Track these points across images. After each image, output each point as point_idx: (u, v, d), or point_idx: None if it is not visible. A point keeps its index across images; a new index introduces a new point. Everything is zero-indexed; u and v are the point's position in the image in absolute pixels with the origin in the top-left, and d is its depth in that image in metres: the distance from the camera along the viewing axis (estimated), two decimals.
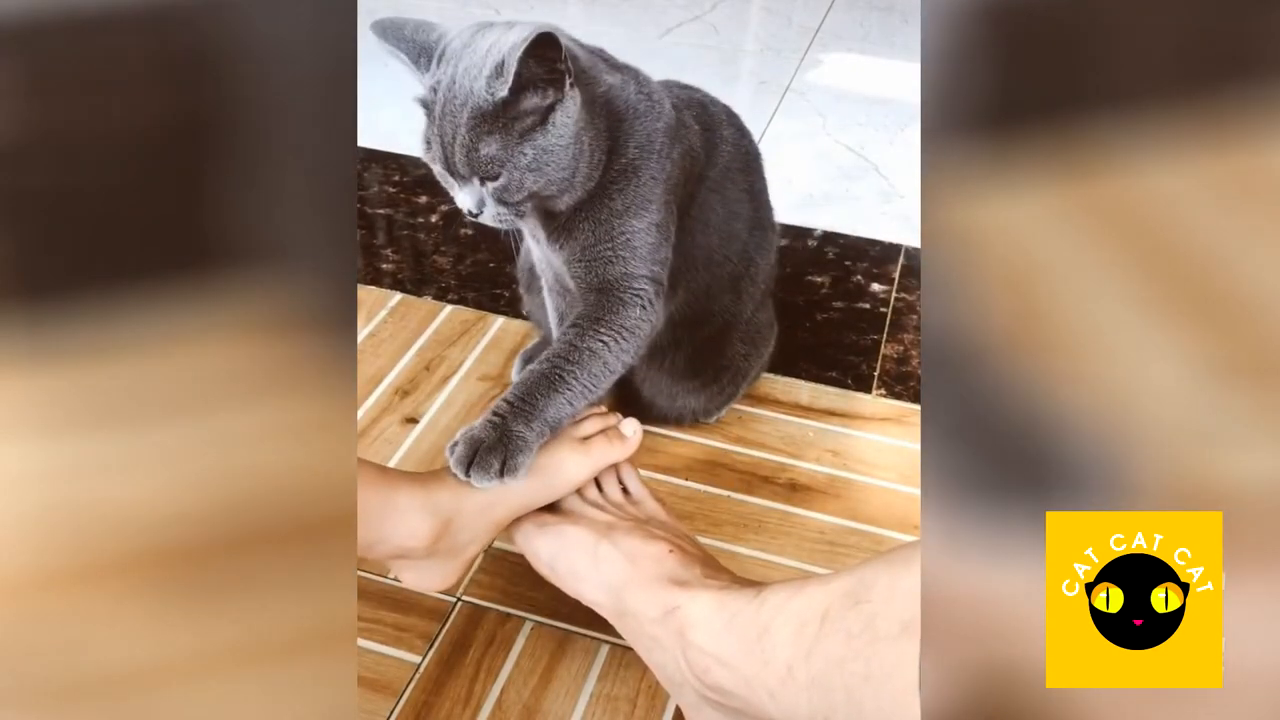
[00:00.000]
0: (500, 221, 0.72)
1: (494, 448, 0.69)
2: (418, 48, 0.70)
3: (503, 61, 0.65)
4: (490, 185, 0.69)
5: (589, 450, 0.75)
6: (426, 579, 0.73)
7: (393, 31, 0.70)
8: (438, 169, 0.71)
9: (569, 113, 0.68)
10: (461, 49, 0.68)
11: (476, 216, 0.71)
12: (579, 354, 0.75)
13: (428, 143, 0.70)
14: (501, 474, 0.69)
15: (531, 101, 0.67)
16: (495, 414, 0.71)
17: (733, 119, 0.88)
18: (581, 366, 0.74)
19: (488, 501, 0.70)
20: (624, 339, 0.76)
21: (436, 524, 0.68)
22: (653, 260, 0.78)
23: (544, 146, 0.68)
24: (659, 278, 0.79)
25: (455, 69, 0.67)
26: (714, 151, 0.83)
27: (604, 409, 0.81)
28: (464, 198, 0.71)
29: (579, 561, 0.70)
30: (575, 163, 0.70)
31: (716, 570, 0.68)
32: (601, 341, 0.76)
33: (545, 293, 0.89)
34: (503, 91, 0.65)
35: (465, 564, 0.73)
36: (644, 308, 0.77)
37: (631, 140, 0.74)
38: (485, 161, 0.67)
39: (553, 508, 0.75)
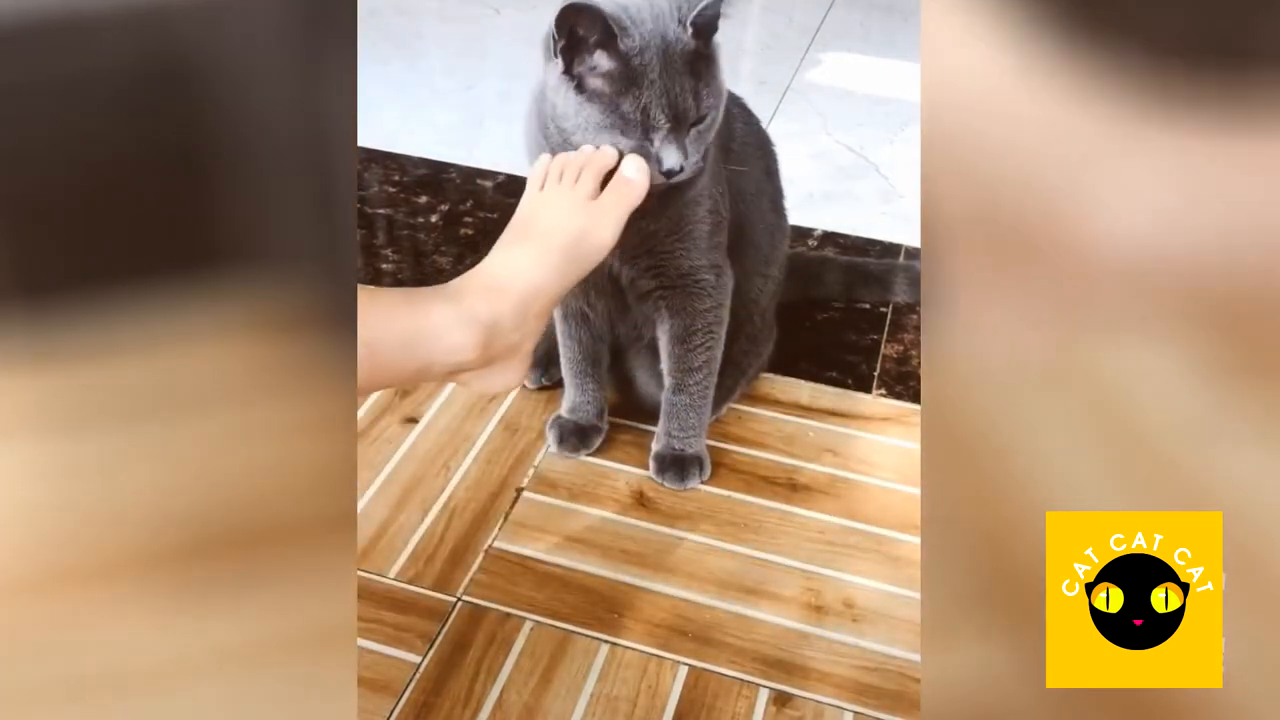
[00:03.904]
0: (693, 168, 0.73)
1: (690, 463, 0.91)
2: (607, 23, 0.69)
3: (683, 3, 0.69)
4: (694, 130, 0.71)
5: (603, 210, 0.71)
6: (494, 383, 0.70)
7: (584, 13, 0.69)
8: (630, 142, 0.71)
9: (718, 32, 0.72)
10: (629, 5, 0.69)
11: (678, 174, 0.72)
12: (695, 372, 0.88)
13: (642, 112, 0.69)
14: (701, 479, 0.91)
15: (709, 31, 0.70)
16: (674, 443, 0.91)
17: (736, 99, 0.90)
18: (708, 375, 0.88)
19: (524, 297, 0.68)
20: (715, 330, 0.86)
21: (479, 332, 0.66)
22: (710, 247, 0.82)
23: (721, 72, 0.72)
24: (716, 262, 0.84)
25: (649, 26, 0.69)
26: (731, 127, 0.86)
27: (591, 151, 0.73)
28: (673, 155, 0.71)
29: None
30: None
31: None
32: (704, 347, 0.86)
33: None
34: (692, 34, 0.69)
35: (526, 357, 0.71)
36: (710, 294, 0.84)
37: None
38: (705, 98, 0.70)
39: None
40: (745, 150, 0.88)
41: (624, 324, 0.89)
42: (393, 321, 0.64)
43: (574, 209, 0.71)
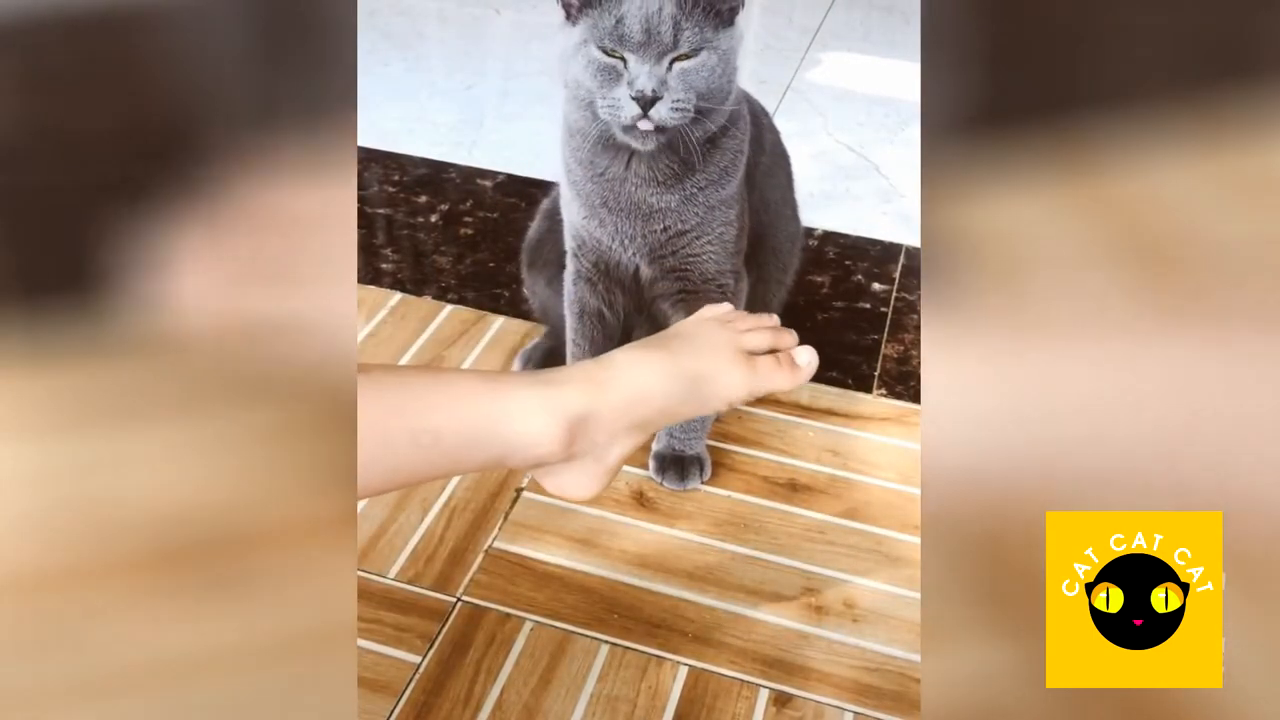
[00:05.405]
0: (674, 112, 0.70)
1: (691, 463, 0.91)
2: None
3: None
4: (679, 66, 0.70)
5: (755, 369, 0.66)
6: (569, 485, 0.65)
7: None
8: (607, 62, 0.70)
9: (741, 18, 0.72)
10: None
11: (650, 105, 0.70)
12: None
13: (616, 21, 0.69)
14: (701, 479, 0.91)
15: None
16: (675, 443, 0.91)
17: (766, 114, 0.92)
18: None
19: (629, 400, 0.63)
20: None
21: (565, 424, 0.60)
22: (734, 252, 0.83)
23: (731, 45, 0.72)
24: (738, 268, 0.84)
25: None
26: (761, 139, 0.87)
27: (777, 321, 0.73)
28: (644, 77, 0.69)
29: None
30: (733, 80, 0.73)
31: None
32: None
33: (570, 281, 0.88)
34: None
35: (610, 470, 0.65)
36: (729, 299, 0.83)
37: (737, 127, 0.78)
38: (686, 31, 0.69)
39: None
40: (774, 161, 0.90)
41: (638, 324, 0.90)
42: (466, 407, 0.57)
43: (728, 350, 0.66)
